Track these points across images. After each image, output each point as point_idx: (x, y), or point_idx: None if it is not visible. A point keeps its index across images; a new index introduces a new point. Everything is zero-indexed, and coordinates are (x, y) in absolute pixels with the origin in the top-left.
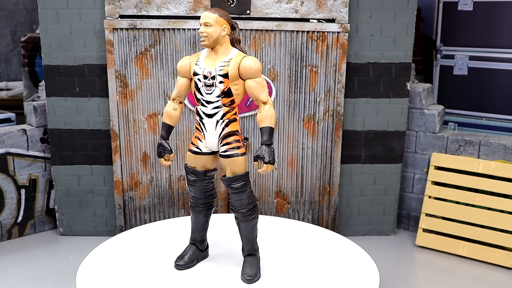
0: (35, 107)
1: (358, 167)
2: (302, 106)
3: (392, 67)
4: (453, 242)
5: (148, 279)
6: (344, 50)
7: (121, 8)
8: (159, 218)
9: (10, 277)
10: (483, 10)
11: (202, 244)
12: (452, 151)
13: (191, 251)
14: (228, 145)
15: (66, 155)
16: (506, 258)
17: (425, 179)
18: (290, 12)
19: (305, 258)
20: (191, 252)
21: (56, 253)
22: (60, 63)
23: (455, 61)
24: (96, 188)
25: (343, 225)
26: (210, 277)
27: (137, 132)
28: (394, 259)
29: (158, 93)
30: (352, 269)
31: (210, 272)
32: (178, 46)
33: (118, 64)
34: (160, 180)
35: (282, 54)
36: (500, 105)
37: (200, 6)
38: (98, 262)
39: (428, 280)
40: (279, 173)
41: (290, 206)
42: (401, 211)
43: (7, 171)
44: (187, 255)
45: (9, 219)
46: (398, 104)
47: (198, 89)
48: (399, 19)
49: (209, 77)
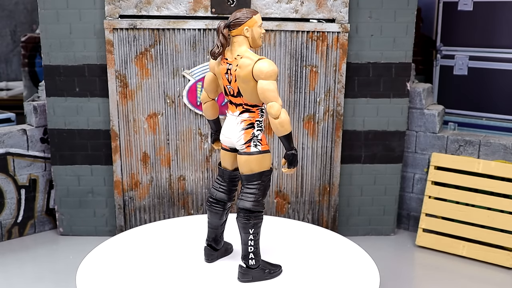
0: (35, 107)
1: (358, 167)
2: (302, 106)
3: (392, 67)
4: (453, 242)
5: (148, 279)
6: (344, 50)
7: (121, 8)
8: (159, 218)
9: (10, 277)
10: (483, 10)
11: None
12: (452, 151)
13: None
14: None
15: (66, 155)
16: (506, 258)
17: (425, 179)
18: (290, 12)
19: (305, 258)
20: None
21: (56, 253)
22: (60, 63)
23: (455, 61)
24: (96, 188)
25: (343, 225)
26: (210, 277)
27: (137, 132)
28: (394, 259)
29: (158, 93)
30: (352, 269)
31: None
32: (178, 46)
33: (118, 64)
34: (160, 180)
35: (282, 54)
36: (500, 105)
37: (200, 6)
38: (98, 262)
39: (428, 280)
40: (279, 173)
41: (290, 206)
42: (401, 211)
43: (7, 171)
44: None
45: (9, 219)
46: (398, 104)
47: None
48: (399, 19)
49: None
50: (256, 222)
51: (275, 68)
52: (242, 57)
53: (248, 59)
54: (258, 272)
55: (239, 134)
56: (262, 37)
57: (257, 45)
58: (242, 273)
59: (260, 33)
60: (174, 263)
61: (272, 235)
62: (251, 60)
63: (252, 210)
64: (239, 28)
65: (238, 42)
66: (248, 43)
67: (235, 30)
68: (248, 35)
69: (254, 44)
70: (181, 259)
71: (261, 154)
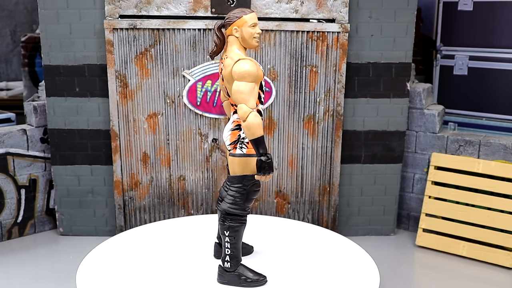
0: (35, 107)
1: (358, 167)
2: (302, 106)
3: (392, 67)
4: (453, 242)
5: (148, 279)
6: (344, 50)
7: (121, 8)
8: (159, 218)
9: (10, 277)
10: (483, 10)
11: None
12: (452, 151)
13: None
14: None
15: (66, 155)
16: (506, 258)
17: (425, 179)
18: (290, 12)
19: (305, 258)
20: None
21: (56, 253)
22: (60, 63)
23: (455, 61)
24: (96, 188)
25: (343, 225)
26: (210, 277)
27: (137, 132)
28: (394, 259)
29: (158, 93)
30: (352, 269)
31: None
32: (178, 46)
33: (118, 64)
34: (160, 180)
35: (282, 54)
36: (500, 105)
37: (200, 6)
38: (98, 262)
39: (428, 280)
40: (279, 173)
41: (290, 206)
42: (401, 211)
43: (7, 171)
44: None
45: (9, 219)
46: (398, 104)
47: (262, 89)
48: (399, 19)
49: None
50: (232, 225)
51: (250, 70)
52: (227, 57)
53: (230, 59)
54: (233, 277)
55: (227, 134)
56: (257, 37)
57: (250, 45)
58: (219, 274)
59: (251, 33)
60: (174, 263)
61: (272, 235)
62: (232, 60)
63: (227, 212)
64: (229, 28)
65: (230, 42)
66: (239, 43)
67: (227, 30)
68: (237, 35)
69: (246, 45)
70: (181, 259)
71: (244, 157)
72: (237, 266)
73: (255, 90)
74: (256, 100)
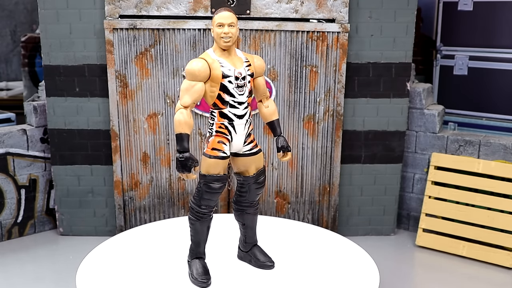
0: (35, 107)
1: (358, 167)
2: (302, 106)
3: (392, 67)
4: (453, 242)
5: (148, 279)
6: (344, 50)
7: (121, 8)
8: (159, 218)
9: (10, 277)
10: (483, 10)
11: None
12: (452, 151)
13: (204, 264)
14: (252, 143)
15: (66, 155)
16: (506, 258)
17: (425, 179)
18: (290, 12)
19: (305, 258)
20: (205, 265)
21: (56, 253)
22: (60, 63)
23: (455, 61)
24: (96, 188)
25: (343, 225)
26: None
27: (137, 132)
28: (394, 259)
29: (158, 93)
30: (352, 269)
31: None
32: (178, 46)
33: (118, 64)
34: (160, 180)
35: (282, 54)
36: (500, 105)
37: (200, 6)
38: (98, 262)
39: (428, 280)
40: (279, 173)
41: (290, 206)
42: (401, 211)
43: (7, 171)
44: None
45: (9, 219)
46: (398, 104)
47: (227, 91)
48: (399, 19)
49: (240, 77)
50: (190, 217)
51: (190, 68)
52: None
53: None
54: (189, 266)
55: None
56: (224, 37)
57: (220, 45)
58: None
59: (218, 33)
60: (174, 263)
61: (272, 235)
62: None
63: (190, 204)
64: None
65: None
66: (215, 42)
67: None
68: (212, 34)
69: (218, 45)
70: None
71: (203, 156)
72: (191, 258)
73: (193, 89)
74: (193, 98)
